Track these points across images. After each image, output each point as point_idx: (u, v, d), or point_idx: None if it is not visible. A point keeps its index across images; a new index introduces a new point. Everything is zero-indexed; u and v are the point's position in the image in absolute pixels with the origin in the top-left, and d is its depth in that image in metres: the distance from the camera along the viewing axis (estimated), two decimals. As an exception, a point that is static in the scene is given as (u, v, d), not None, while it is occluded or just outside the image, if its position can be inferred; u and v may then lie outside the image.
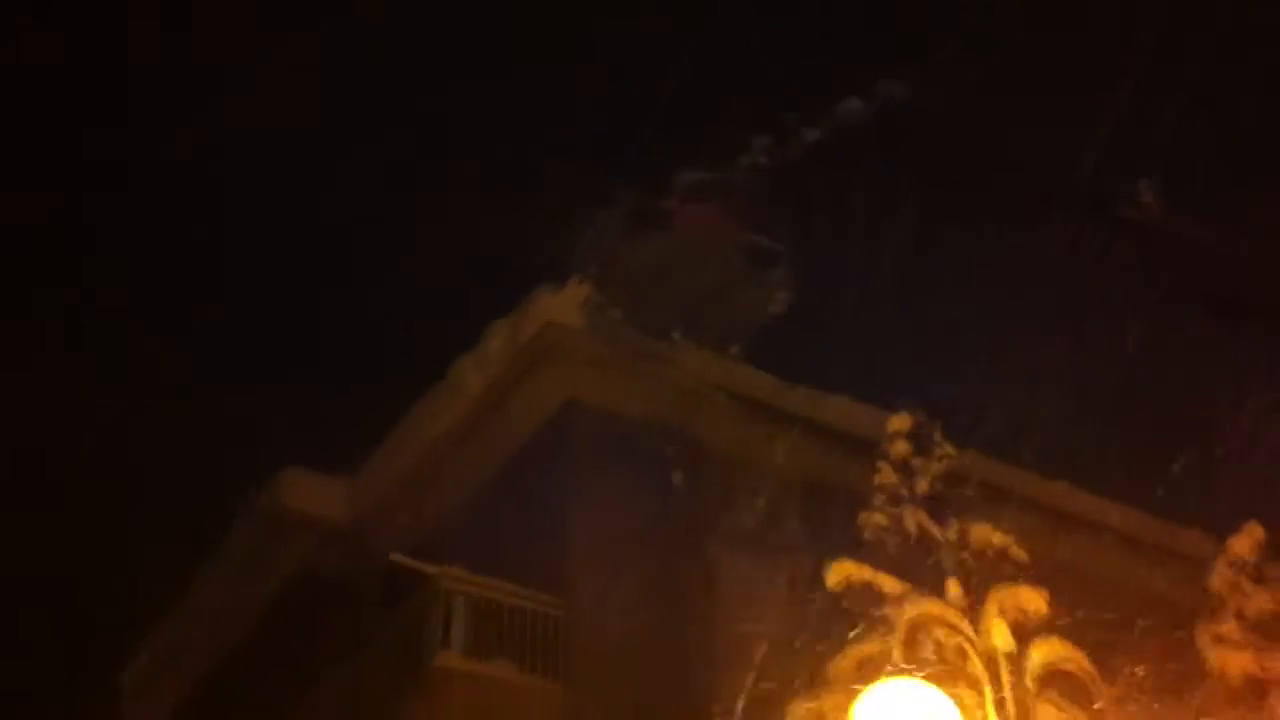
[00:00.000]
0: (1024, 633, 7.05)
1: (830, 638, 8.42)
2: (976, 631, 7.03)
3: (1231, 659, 7.67)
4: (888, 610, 7.71)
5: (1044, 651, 6.27)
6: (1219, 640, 7.88)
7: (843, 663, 7.88)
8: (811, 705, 7.76)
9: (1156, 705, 7.17)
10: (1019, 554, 8.10)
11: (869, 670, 7.68)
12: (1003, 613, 7.09)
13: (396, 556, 11.26)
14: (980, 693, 6.69)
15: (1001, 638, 6.20)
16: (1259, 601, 8.07)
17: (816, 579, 8.96)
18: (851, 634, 7.87)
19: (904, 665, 6.99)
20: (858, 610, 8.13)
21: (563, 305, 12.71)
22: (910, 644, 7.10)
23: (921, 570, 8.38)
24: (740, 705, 9.82)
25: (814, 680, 8.15)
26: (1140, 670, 7.37)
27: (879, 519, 8.48)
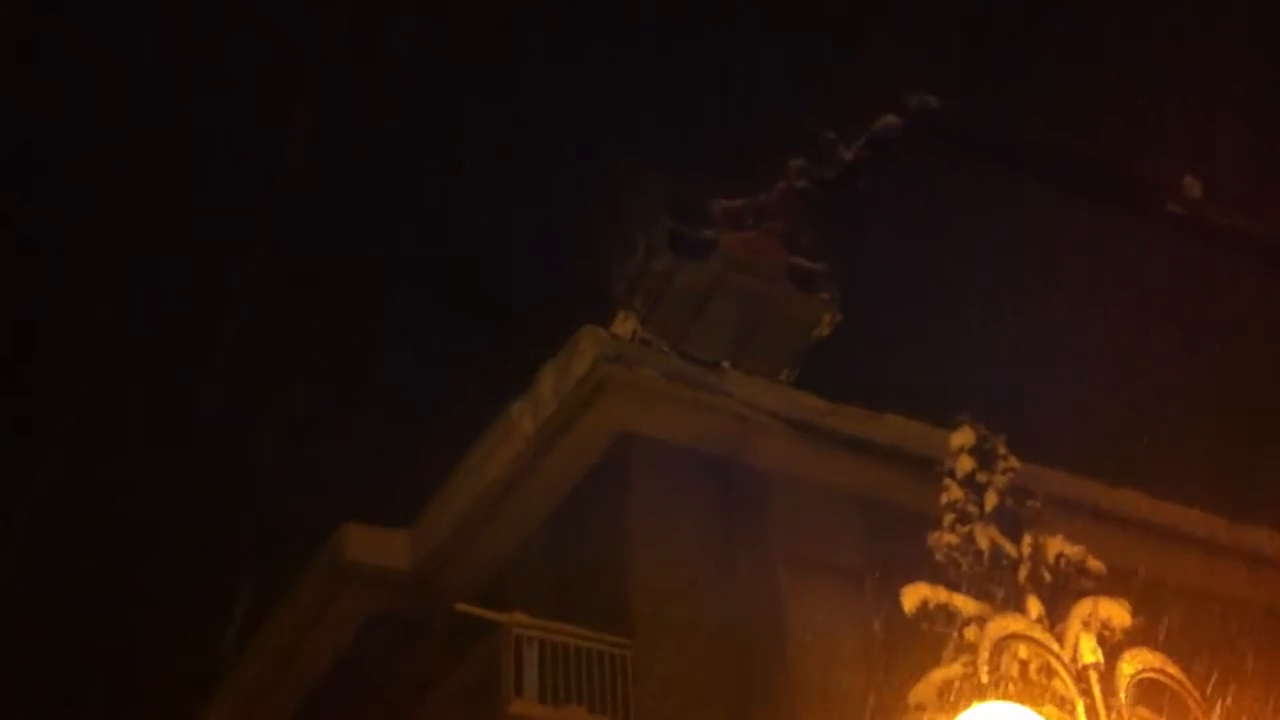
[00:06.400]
0: (1109, 646, 6.90)
1: (909, 662, 8.27)
2: (1061, 647, 6.88)
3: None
4: (968, 631, 7.57)
5: (1134, 663, 6.12)
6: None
7: (925, 688, 7.73)
8: (897, 733, 7.61)
9: (1254, 715, 7.00)
10: (1096, 566, 7.94)
11: (952, 694, 7.53)
12: (1086, 626, 6.94)
13: (464, 606, 11.24)
14: (1068, 709, 6.53)
15: (1090, 651, 6.05)
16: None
17: (888, 603, 8.82)
18: (932, 657, 7.73)
19: (989, 686, 6.84)
20: (935, 633, 7.98)
21: (610, 341, 12.69)
22: (994, 665, 6.96)
23: (996, 588, 8.22)
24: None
25: (896, 709, 8.01)
26: (1234, 679, 7.20)
27: (950, 538, 8.33)
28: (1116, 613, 7.30)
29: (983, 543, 8.06)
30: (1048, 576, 7.74)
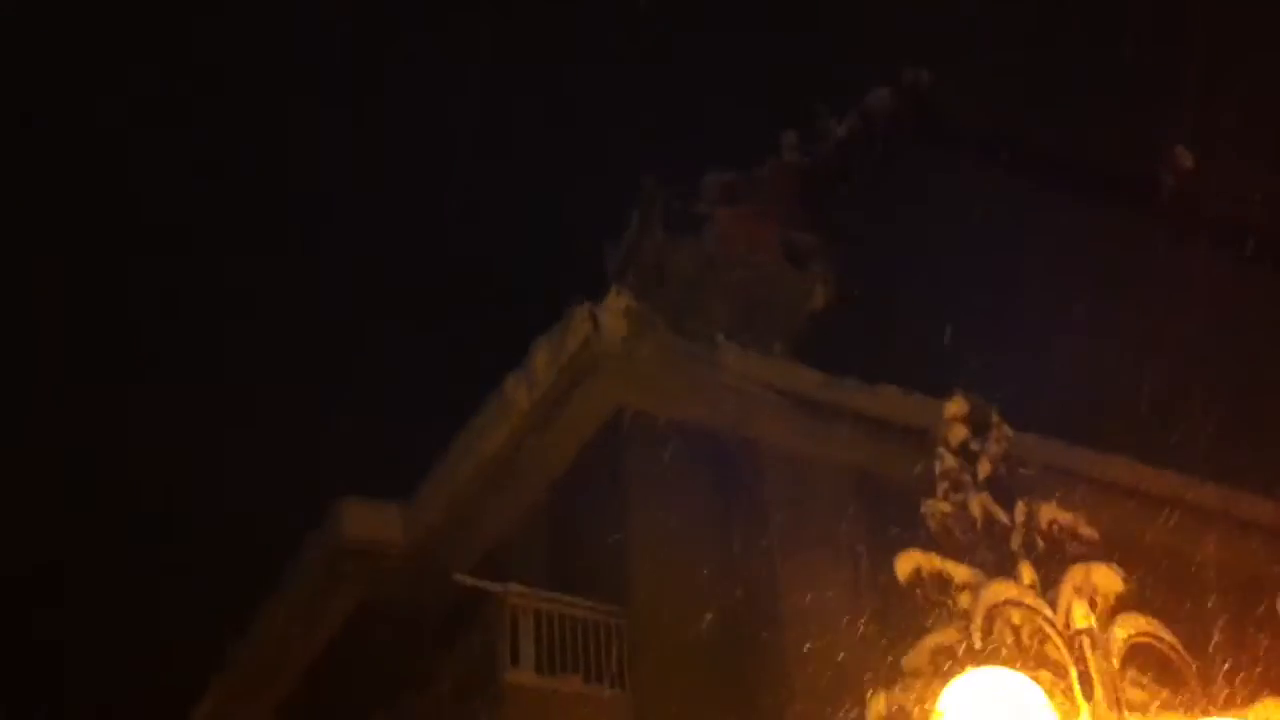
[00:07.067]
0: (1101, 612, 6.95)
1: (902, 630, 8.33)
2: (1054, 612, 6.94)
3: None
4: (961, 597, 7.62)
5: (1127, 627, 6.17)
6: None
7: (918, 655, 7.78)
8: (891, 699, 7.67)
9: (1243, 680, 7.06)
10: (1089, 532, 7.98)
11: (945, 660, 7.57)
12: (1079, 592, 6.99)
13: (460, 577, 11.29)
14: (1061, 674, 6.59)
15: (1082, 617, 6.10)
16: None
17: (882, 572, 8.88)
18: (926, 624, 7.78)
19: (983, 651, 6.89)
20: (929, 600, 8.03)
21: (605, 316, 12.69)
22: (987, 631, 7.01)
23: (989, 556, 8.27)
24: (816, 704, 9.73)
25: (890, 674, 8.07)
26: (1226, 643, 7.26)
27: (943, 506, 8.37)
28: (1109, 578, 7.34)
29: (976, 510, 8.09)
30: (1040, 543, 7.77)
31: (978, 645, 6.67)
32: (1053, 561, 7.61)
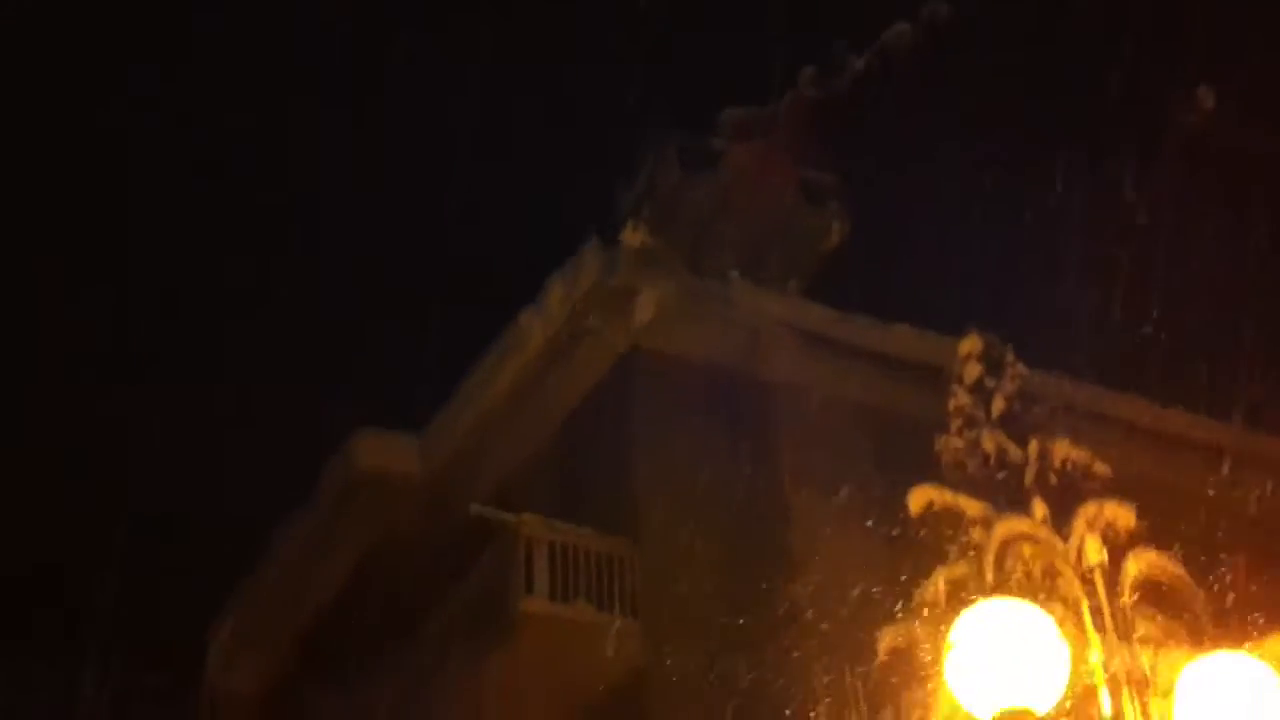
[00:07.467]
0: (1113, 547, 7.01)
1: (914, 564, 8.40)
2: (1066, 547, 7.00)
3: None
4: (974, 532, 7.68)
5: (1139, 564, 6.23)
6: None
7: (931, 588, 7.85)
8: (904, 631, 7.75)
9: (1254, 615, 7.12)
10: (1102, 469, 8.02)
11: (958, 593, 7.64)
12: (1091, 527, 7.04)
13: (477, 508, 11.40)
14: (1073, 608, 6.65)
15: (1095, 552, 6.15)
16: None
17: (894, 506, 8.94)
18: (938, 558, 7.84)
19: (995, 585, 6.96)
20: (940, 535, 8.09)
21: (619, 252, 12.70)
22: (999, 565, 7.06)
23: (1002, 492, 8.33)
24: (827, 636, 9.84)
25: (902, 607, 8.15)
26: (1235, 581, 7.31)
27: (956, 443, 8.41)
28: (1122, 515, 7.38)
29: (989, 446, 8.12)
30: (1054, 479, 7.81)
31: (990, 579, 6.73)
32: (1066, 497, 7.66)
